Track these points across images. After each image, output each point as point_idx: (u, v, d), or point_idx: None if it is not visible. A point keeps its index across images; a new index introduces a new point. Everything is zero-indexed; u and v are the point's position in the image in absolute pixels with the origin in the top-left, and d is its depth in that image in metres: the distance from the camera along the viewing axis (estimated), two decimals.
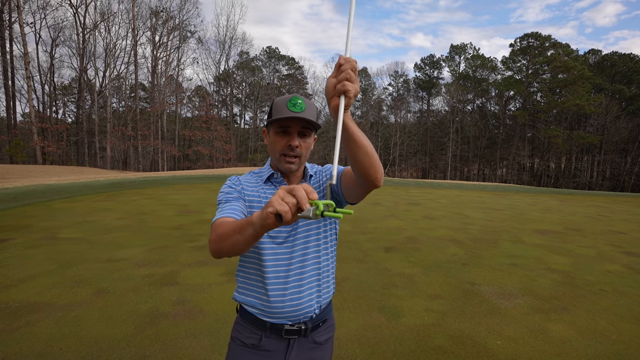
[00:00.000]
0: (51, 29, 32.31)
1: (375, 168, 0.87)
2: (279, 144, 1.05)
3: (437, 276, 4.02)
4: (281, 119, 1.02)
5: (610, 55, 43.69)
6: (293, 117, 1.00)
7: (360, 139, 0.82)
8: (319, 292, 1.12)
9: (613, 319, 3.05)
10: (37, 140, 27.99)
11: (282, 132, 1.04)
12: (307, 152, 1.09)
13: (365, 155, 0.84)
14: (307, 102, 1.05)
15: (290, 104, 1.02)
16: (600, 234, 6.90)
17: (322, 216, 0.61)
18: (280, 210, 0.60)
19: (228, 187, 1.09)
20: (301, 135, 1.06)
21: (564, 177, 42.36)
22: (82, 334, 2.58)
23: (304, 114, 1.02)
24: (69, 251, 4.58)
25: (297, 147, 1.04)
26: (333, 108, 0.72)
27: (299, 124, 1.03)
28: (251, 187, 1.11)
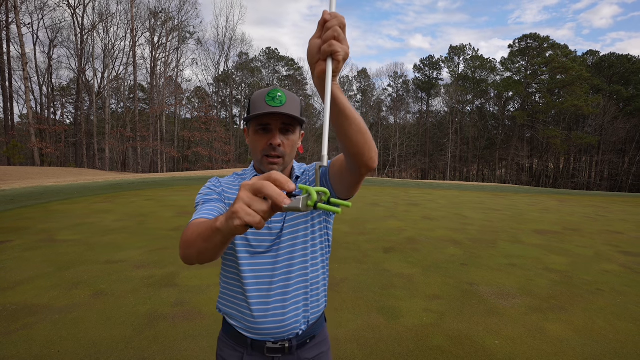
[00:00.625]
0: (49, 29, 32.33)
1: (370, 146, 0.77)
2: (260, 144, 0.95)
3: (436, 277, 4.03)
4: (259, 115, 0.91)
5: (608, 56, 43.89)
6: (272, 112, 0.90)
7: (352, 113, 0.71)
8: (306, 307, 1.02)
9: (610, 318, 3.06)
10: (34, 141, 27.93)
11: (261, 129, 0.94)
12: (292, 150, 0.99)
13: (359, 132, 0.73)
14: (289, 95, 0.95)
15: (268, 97, 0.92)
16: (598, 234, 6.92)
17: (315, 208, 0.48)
18: (250, 222, 0.48)
19: (207, 189, 1.00)
20: (283, 132, 0.95)
21: (563, 177, 42.49)
22: (80, 337, 2.57)
23: (285, 108, 0.92)
24: (67, 253, 4.57)
25: (279, 145, 0.94)
26: (318, 75, 0.60)
27: (279, 120, 0.93)
28: (233, 189, 1.02)
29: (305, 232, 1.01)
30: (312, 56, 0.60)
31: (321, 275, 1.05)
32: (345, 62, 0.59)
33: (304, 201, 0.47)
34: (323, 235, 1.06)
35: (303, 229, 1.00)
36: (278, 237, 0.98)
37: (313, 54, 0.60)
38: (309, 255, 1.01)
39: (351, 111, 0.70)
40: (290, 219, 0.99)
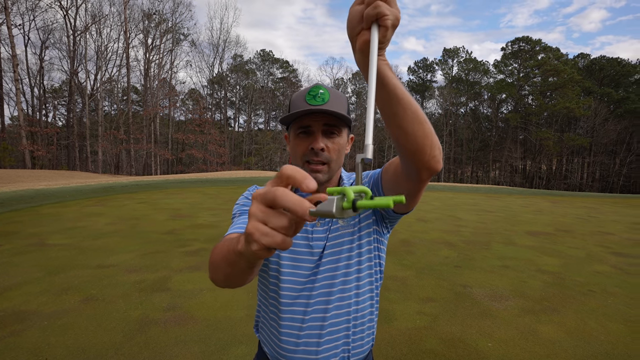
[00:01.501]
0: (40, 31, 31.94)
1: (432, 140, 0.60)
2: (300, 148, 0.82)
3: (430, 279, 4.03)
4: (296, 115, 0.79)
5: (599, 59, 44.63)
6: (311, 111, 0.77)
7: (406, 96, 0.56)
8: (347, 346, 0.85)
9: (601, 319, 3.09)
10: (25, 144, 27.54)
11: (302, 132, 0.82)
12: (339, 156, 0.84)
13: (415, 121, 0.58)
14: (332, 92, 0.82)
15: (309, 96, 0.81)
16: (590, 234, 7.01)
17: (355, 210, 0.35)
18: (269, 244, 0.36)
19: (244, 198, 0.89)
20: (327, 135, 0.82)
21: (555, 178, 43.00)
22: (68, 343, 2.53)
23: (328, 105, 0.79)
24: (57, 257, 4.50)
25: (323, 150, 0.80)
26: (360, 48, 0.48)
27: (321, 120, 0.80)
28: None
29: (350, 253, 0.84)
30: (353, 26, 0.49)
31: (368, 307, 0.88)
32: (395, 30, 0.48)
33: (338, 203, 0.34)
34: (373, 259, 0.88)
35: (347, 250, 0.84)
36: (319, 258, 0.84)
37: (354, 23, 0.49)
38: (352, 282, 0.84)
39: (404, 94, 0.56)
40: (333, 237, 0.85)
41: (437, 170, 0.64)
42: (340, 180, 0.91)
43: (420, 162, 0.62)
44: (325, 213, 0.34)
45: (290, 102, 0.86)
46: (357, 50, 0.50)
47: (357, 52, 0.51)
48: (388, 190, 0.78)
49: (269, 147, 41.81)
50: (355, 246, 0.85)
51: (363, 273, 0.86)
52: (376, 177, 0.83)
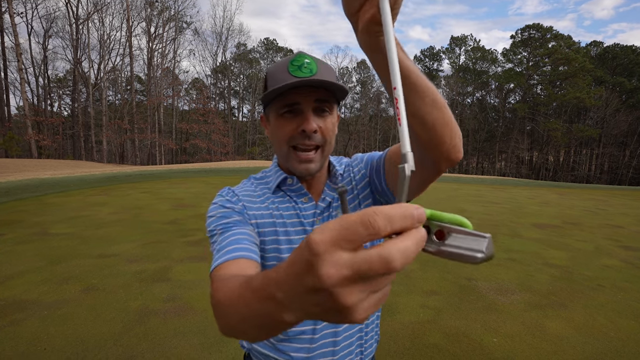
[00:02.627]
0: (43, 19, 31.76)
1: (452, 128, 0.54)
2: (286, 131, 0.68)
3: (434, 272, 3.96)
4: (282, 89, 0.64)
5: (612, 47, 43.35)
6: (302, 83, 0.63)
7: (423, 81, 0.49)
8: (361, 345, 0.79)
9: (611, 315, 3.00)
10: (31, 133, 27.70)
11: (288, 112, 0.67)
12: (332, 138, 0.72)
13: (434, 107, 0.51)
14: (319, 61, 0.68)
15: (292, 66, 0.65)
16: (598, 227, 6.86)
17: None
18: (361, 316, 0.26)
19: (222, 208, 0.70)
20: (319, 113, 0.68)
21: (563, 170, 42.42)
22: (68, 333, 2.51)
23: (318, 76, 0.65)
24: (59, 247, 4.50)
25: (316, 131, 0.67)
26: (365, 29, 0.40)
27: (311, 96, 0.66)
28: (256, 202, 0.74)
29: None
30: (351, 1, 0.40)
31: None
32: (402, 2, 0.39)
33: (490, 243, 0.27)
34: None
35: None
36: None
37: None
38: None
39: (420, 78, 0.49)
40: None
41: (458, 161, 0.58)
42: (330, 166, 0.80)
43: (440, 153, 0.55)
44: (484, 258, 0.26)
45: (268, 75, 0.70)
46: (361, 30, 0.41)
47: (361, 32, 0.42)
48: (392, 179, 0.70)
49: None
50: None
51: None
52: (376, 163, 0.75)
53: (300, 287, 0.26)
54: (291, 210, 0.75)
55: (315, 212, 0.76)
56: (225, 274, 0.54)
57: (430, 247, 0.28)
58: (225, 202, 0.72)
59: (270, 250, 0.73)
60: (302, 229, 0.74)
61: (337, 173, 0.79)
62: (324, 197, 0.77)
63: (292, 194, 0.76)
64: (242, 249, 0.62)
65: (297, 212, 0.75)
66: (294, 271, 0.27)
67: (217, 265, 0.59)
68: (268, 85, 0.69)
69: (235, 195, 0.75)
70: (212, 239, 0.68)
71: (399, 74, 0.33)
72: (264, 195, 0.76)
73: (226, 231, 0.66)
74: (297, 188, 0.76)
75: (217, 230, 0.67)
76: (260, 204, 0.74)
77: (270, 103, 0.71)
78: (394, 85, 0.32)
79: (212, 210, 0.71)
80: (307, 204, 0.76)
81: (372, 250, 0.23)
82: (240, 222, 0.69)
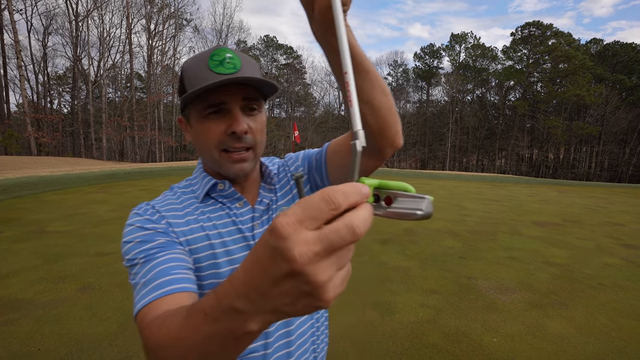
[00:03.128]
0: (43, 16, 31.59)
1: (395, 114, 0.57)
2: (213, 134, 0.62)
3: (434, 270, 3.93)
4: (205, 89, 0.58)
5: (612, 44, 43.17)
6: (227, 81, 0.58)
7: (372, 68, 0.51)
8: (315, 345, 0.76)
9: (612, 315, 2.97)
10: (30, 131, 27.62)
11: (213, 112, 0.62)
12: (264, 137, 0.68)
13: (383, 94, 0.54)
14: (242, 56, 0.64)
15: (213, 62, 0.60)
16: (599, 225, 6.83)
17: None
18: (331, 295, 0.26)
19: (141, 230, 0.60)
20: (247, 112, 0.64)
21: (563, 167, 42.36)
22: (62, 333, 2.48)
23: (243, 73, 0.61)
24: (56, 245, 4.47)
25: (247, 132, 0.63)
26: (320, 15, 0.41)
27: (238, 94, 0.61)
28: (182, 216, 0.65)
29: None
30: None
31: None
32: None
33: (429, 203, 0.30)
34: None
35: None
36: None
37: None
38: None
39: (370, 65, 0.51)
40: None
41: (400, 147, 0.60)
42: (262, 167, 0.75)
43: (386, 139, 0.58)
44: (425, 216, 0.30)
45: (185, 72, 0.63)
46: (315, 17, 0.42)
47: (315, 20, 0.43)
48: (336, 172, 0.70)
49: (273, 134, 41.56)
50: None
51: None
52: (315, 160, 0.74)
53: (268, 280, 0.26)
54: (225, 218, 0.68)
55: (254, 216, 0.70)
56: (158, 315, 0.46)
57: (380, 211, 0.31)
58: (145, 222, 0.62)
59: (206, 268, 0.64)
60: (241, 236, 0.67)
61: (272, 173, 0.75)
62: (261, 200, 0.72)
63: (225, 200, 0.69)
64: (175, 281, 0.53)
65: (232, 219, 0.68)
66: (258, 267, 0.27)
67: (144, 306, 0.50)
68: (186, 84, 0.63)
69: (156, 212, 0.64)
70: (131, 270, 0.58)
71: (350, 58, 0.34)
72: (192, 206, 0.67)
73: (150, 260, 0.56)
74: (229, 193, 0.69)
75: (138, 260, 0.57)
76: (189, 217, 0.66)
77: (190, 103, 0.64)
78: (345, 70, 0.33)
79: (128, 234, 0.60)
80: (242, 208, 0.69)
81: (337, 221, 0.24)
82: (167, 244, 0.59)
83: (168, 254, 0.57)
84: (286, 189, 0.76)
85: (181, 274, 0.55)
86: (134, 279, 0.56)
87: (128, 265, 0.59)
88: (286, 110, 48.99)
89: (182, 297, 0.52)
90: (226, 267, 0.65)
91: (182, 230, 0.64)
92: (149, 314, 0.48)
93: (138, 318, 0.50)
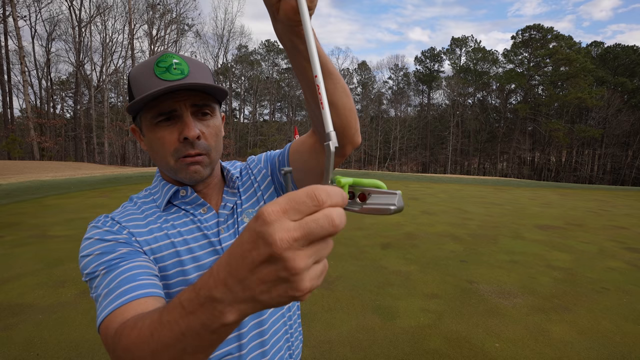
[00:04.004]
0: (46, 22, 31.94)
1: (355, 115, 0.60)
2: (167, 142, 0.62)
3: (435, 274, 3.91)
4: (151, 97, 0.58)
5: (613, 47, 43.19)
6: (173, 87, 0.57)
7: (335, 69, 0.53)
8: (290, 343, 0.76)
9: (616, 319, 2.94)
10: (33, 135, 27.80)
11: (164, 120, 0.61)
12: (218, 141, 0.67)
13: (344, 94, 0.55)
14: (190, 60, 0.63)
15: (159, 69, 0.60)
16: (602, 229, 6.78)
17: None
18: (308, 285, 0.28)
19: (100, 242, 0.58)
20: (198, 118, 0.63)
21: (565, 170, 42.19)
22: (62, 338, 2.47)
23: (191, 79, 0.61)
24: (57, 249, 4.47)
25: (199, 137, 0.62)
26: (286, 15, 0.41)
27: (186, 100, 0.61)
28: (145, 225, 0.64)
29: None
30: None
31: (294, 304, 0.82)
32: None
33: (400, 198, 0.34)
34: None
35: None
36: None
37: None
38: None
39: (333, 66, 0.53)
40: None
41: (359, 144, 0.62)
42: (223, 170, 0.75)
43: (347, 137, 0.60)
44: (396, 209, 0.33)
45: (131, 80, 0.63)
46: (279, 19, 0.43)
47: (279, 21, 0.44)
48: (299, 171, 0.70)
49: (274, 138, 41.68)
50: None
51: None
52: (279, 159, 0.74)
53: (248, 265, 0.27)
54: (190, 225, 0.67)
55: (219, 221, 0.69)
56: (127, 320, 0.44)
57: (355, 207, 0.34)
58: (104, 233, 0.60)
59: (174, 276, 0.63)
60: (208, 241, 0.67)
61: (234, 177, 0.74)
62: (225, 204, 0.71)
63: (188, 207, 0.68)
64: (141, 287, 0.51)
65: (197, 225, 0.67)
66: (240, 252, 0.28)
67: (109, 314, 0.48)
68: (133, 91, 0.62)
69: (116, 223, 0.63)
70: (92, 283, 0.55)
71: (319, 62, 0.35)
72: (154, 215, 0.66)
73: (112, 270, 0.54)
74: (192, 199, 0.68)
75: (99, 272, 0.54)
76: (152, 226, 0.65)
77: (140, 112, 0.63)
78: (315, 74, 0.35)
79: (86, 248, 0.58)
80: (206, 214, 0.69)
81: (318, 212, 0.26)
82: (130, 253, 0.57)
83: (131, 262, 0.56)
84: (250, 191, 0.75)
85: (147, 280, 0.54)
86: (95, 291, 0.54)
87: (88, 279, 0.56)
88: (287, 115, 49.13)
89: (149, 301, 0.50)
90: (194, 274, 0.64)
91: (146, 239, 0.63)
92: (115, 320, 0.47)
93: (102, 328, 0.48)
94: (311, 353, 2.36)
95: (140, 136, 0.67)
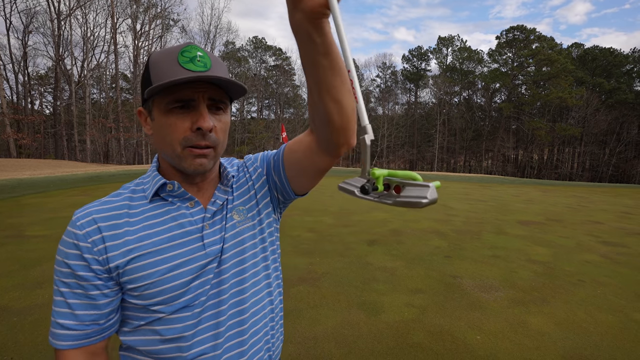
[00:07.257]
0: (22, 14, 30.67)
1: (355, 116, 0.60)
2: (178, 129, 0.61)
3: (419, 269, 3.96)
4: (175, 83, 0.57)
5: (592, 49, 44.65)
6: (199, 78, 0.57)
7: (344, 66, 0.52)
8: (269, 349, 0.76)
9: (590, 310, 3.05)
10: (9, 132, 26.72)
11: (179, 107, 0.61)
12: (226, 138, 0.68)
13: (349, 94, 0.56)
14: (212, 56, 0.64)
15: (184, 58, 0.60)
16: (580, 224, 7.02)
17: None
18: None
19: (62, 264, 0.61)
20: (214, 111, 0.64)
21: (546, 168, 43.48)
22: (37, 341, 2.39)
23: (213, 72, 0.62)
24: (35, 250, 4.32)
25: (212, 130, 0.62)
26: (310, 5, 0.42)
27: (207, 92, 0.62)
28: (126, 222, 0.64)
29: (255, 250, 0.73)
30: None
31: (279, 303, 0.80)
32: None
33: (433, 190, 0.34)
34: (276, 250, 0.80)
35: (252, 246, 0.72)
36: (219, 264, 0.67)
37: None
38: (262, 280, 0.74)
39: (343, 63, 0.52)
40: (232, 235, 0.70)
41: (354, 146, 0.63)
42: (221, 167, 0.74)
43: (345, 138, 0.61)
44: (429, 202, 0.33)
45: (152, 65, 0.62)
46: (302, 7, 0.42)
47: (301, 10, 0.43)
48: (293, 171, 0.72)
49: (262, 135, 41.36)
50: (258, 241, 0.74)
51: (270, 268, 0.77)
52: (274, 159, 0.75)
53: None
54: (174, 219, 0.66)
55: (205, 216, 0.68)
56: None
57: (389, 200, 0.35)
58: (68, 255, 0.60)
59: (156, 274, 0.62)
60: (191, 238, 0.66)
61: (230, 175, 0.73)
62: (215, 201, 0.70)
63: (175, 200, 0.68)
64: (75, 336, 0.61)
65: (181, 220, 0.67)
66: None
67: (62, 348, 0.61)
68: (152, 75, 0.61)
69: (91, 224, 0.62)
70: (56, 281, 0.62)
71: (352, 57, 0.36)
72: (139, 208, 0.66)
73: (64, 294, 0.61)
74: (179, 194, 0.67)
75: (60, 284, 0.62)
76: (135, 219, 0.65)
77: (154, 96, 0.62)
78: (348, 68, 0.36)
79: (58, 253, 0.62)
80: (193, 209, 0.68)
81: None
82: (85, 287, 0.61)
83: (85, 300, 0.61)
84: (243, 189, 0.76)
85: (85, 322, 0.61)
86: (56, 294, 0.62)
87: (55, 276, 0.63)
88: (275, 112, 48.82)
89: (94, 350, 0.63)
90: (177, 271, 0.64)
91: (125, 241, 0.63)
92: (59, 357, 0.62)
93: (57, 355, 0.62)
94: (296, 349, 2.36)
95: (148, 119, 0.66)
